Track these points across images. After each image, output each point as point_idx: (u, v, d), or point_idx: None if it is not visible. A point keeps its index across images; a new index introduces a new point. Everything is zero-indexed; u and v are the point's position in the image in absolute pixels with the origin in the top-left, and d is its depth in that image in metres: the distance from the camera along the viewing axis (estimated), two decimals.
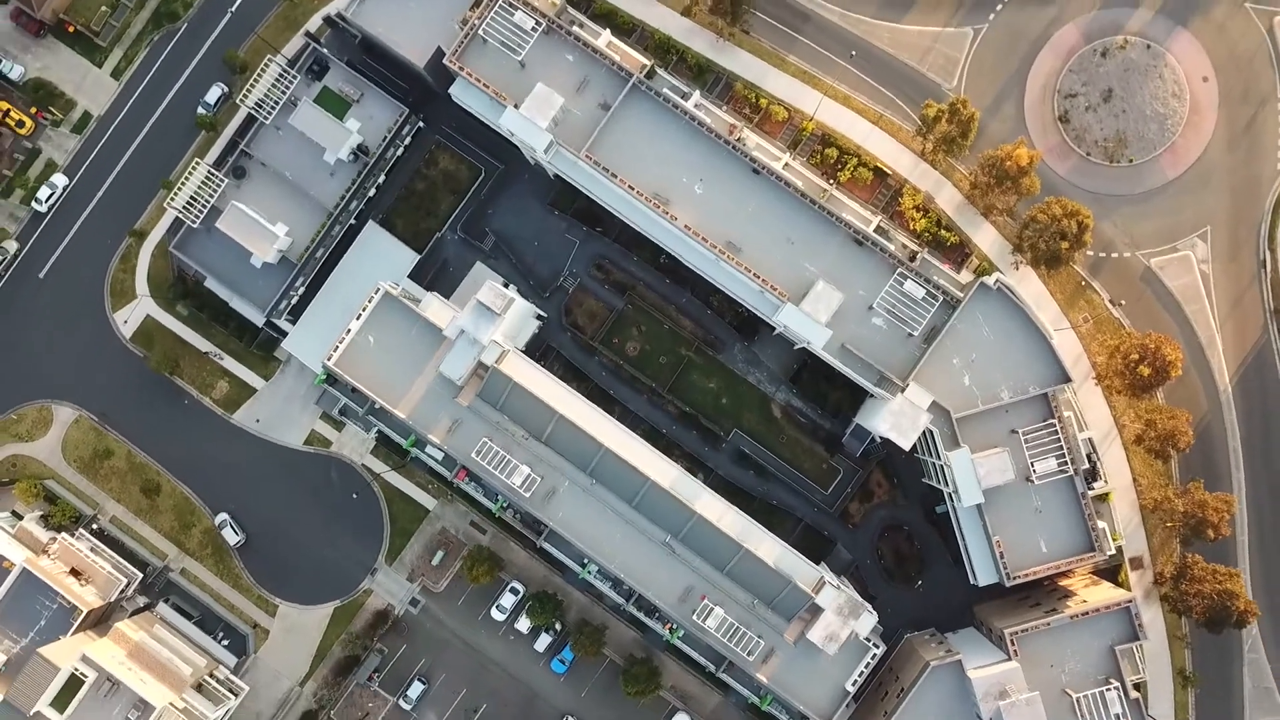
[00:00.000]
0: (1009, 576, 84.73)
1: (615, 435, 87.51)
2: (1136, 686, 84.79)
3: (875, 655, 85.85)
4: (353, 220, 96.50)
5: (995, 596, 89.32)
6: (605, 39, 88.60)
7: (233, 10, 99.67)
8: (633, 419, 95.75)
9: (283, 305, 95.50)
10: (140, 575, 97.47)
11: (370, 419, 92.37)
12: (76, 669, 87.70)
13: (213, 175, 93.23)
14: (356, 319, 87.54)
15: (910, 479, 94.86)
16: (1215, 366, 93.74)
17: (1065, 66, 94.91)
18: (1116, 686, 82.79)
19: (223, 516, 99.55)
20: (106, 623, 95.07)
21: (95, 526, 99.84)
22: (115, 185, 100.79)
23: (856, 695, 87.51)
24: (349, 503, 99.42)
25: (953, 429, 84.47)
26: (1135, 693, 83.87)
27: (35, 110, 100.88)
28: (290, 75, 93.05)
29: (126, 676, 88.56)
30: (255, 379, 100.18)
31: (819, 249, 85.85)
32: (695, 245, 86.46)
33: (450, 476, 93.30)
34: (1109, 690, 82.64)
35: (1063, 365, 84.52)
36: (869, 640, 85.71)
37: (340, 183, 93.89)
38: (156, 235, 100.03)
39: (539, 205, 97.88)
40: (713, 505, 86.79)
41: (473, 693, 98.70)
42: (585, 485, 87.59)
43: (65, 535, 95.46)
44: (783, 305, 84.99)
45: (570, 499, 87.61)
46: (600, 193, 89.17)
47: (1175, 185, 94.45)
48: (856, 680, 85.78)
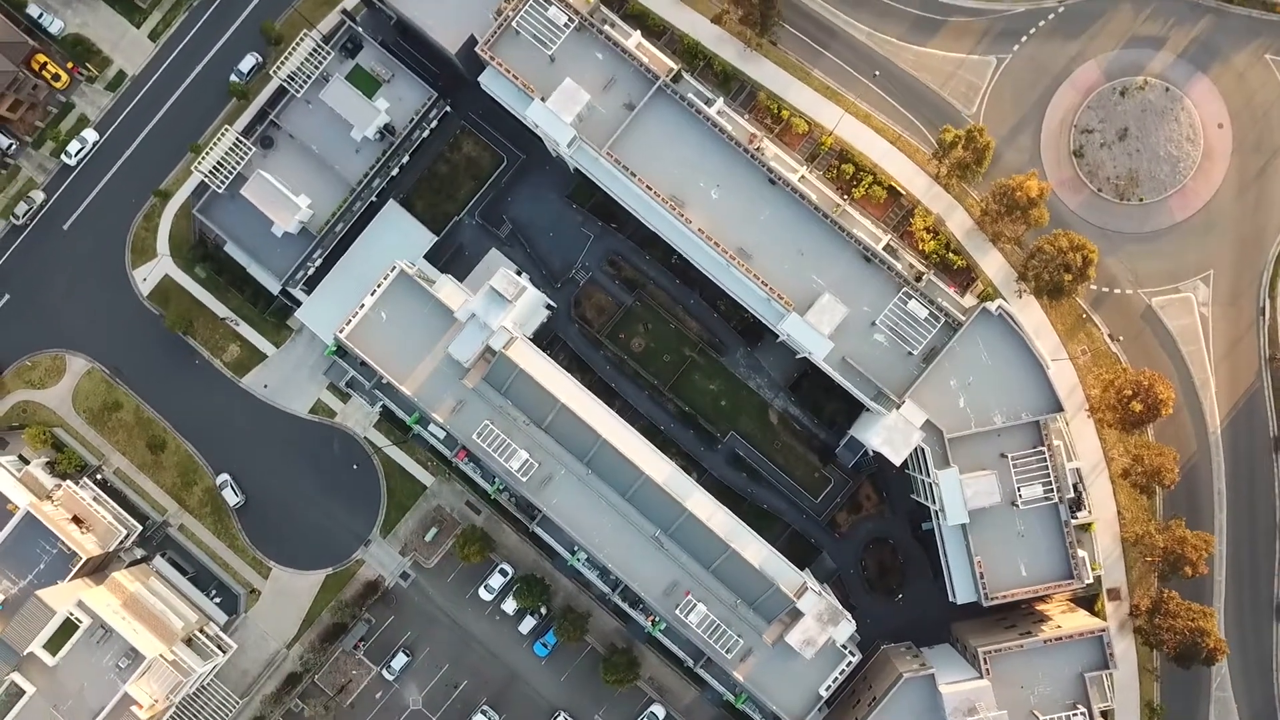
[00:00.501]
0: (987, 597, 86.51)
1: (614, 428, 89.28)
2: (1104, 714, 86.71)
3: (851, 663, 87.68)
4: (374, 198, 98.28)
5: (973, 615, 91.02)
6: (635, 40, 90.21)
7: None
8: (632, 414, 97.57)
9: (299, 275, 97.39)
10: (140, 528, 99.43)
11: (376, 393, 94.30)
12: (72, 614, 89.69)
13: (241, 143, 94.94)
14: (371, 294, 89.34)
15: (899, 494, 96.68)
16: (1207, 408, 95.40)
17: (1084, 102, 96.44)
18: (1083, 712, 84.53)
19: (224, 477, 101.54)
20: (103, 571, 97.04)
21: (99, 477, 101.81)
22: (144, 145, 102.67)
23: (830, 700, 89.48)
24: (349, 473, 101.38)
25: (944, 448, 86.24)
26: None
27: (71, 65, 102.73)
28: (324, 51, 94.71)
29: (120, 625, 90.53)
30: (266, 345, 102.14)
31: (828, 262, 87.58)
32: (707, 249, 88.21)
33: (450, 456, 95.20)
34: (1076, 715, 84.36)
35: (1057, 395, 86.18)
36: (846, 648, 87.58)
37: (365, 160, 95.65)
38: (181, 197, 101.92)
39: (557, 197, 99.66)
40: (704, 504, 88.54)
41: (455, 668, 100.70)
42: (581, 474, 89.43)
43: (69, 483, 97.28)
44: (788, 314, 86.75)
45: (565, 487, 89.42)
46: (618, 190, 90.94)
47: (1182, 227, 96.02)
48: (830, 686, 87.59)
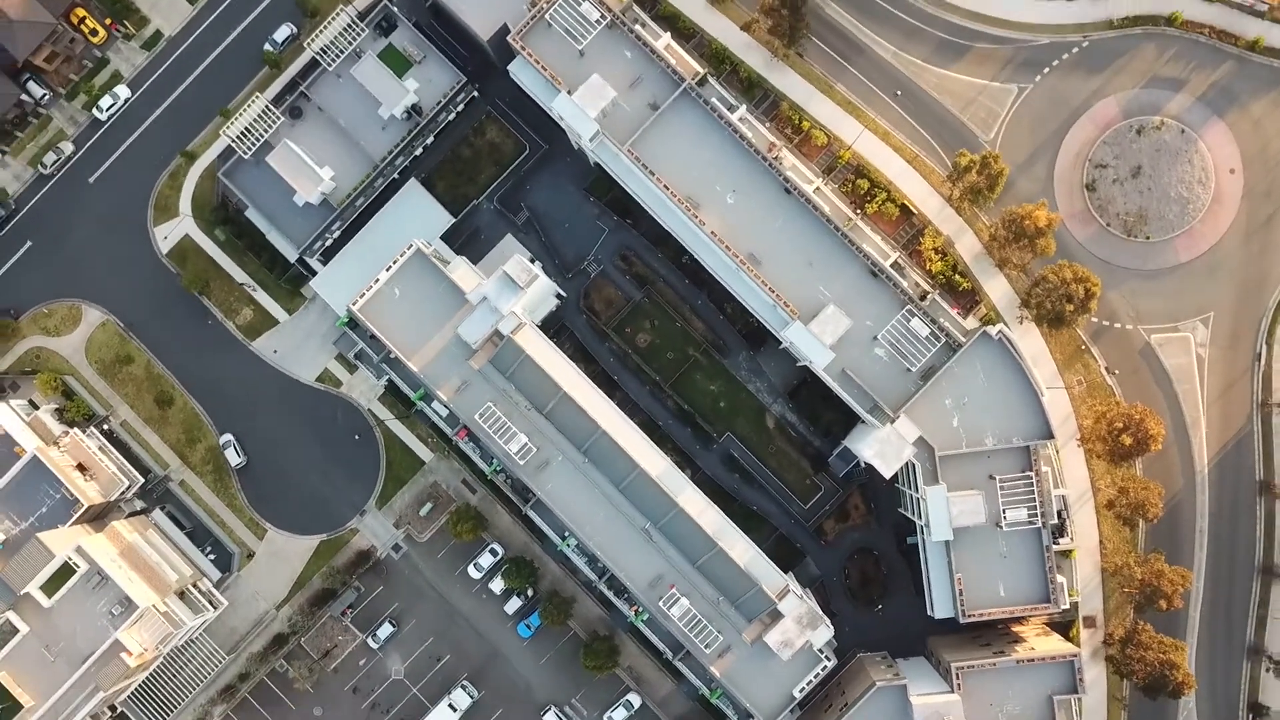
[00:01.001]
0: (965, 614, 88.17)
1: (613, 420, 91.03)
2: None
3: (826, 667, 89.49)
4: (396, 175, 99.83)
5: (949, 631, 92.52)
6: (664, 41, 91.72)
7: None
8: (632, 407, 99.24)
9: (317, 245, 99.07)
10: (142, 480, 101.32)
11: (383, 367, 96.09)
12: (70, 558, 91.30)
13: (270, 111, 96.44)
14: (386, 270, 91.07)
15: (887, 507, 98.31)
16: (1196, 447, 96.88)
17: (1100, 137, 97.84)
18: None
19: (227, 437, 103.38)
20: (103, 520, 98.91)
21: (106, 427, 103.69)
22: (175, 105, 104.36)
23: (802, 702, 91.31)
24: (350, 443, 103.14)
25: (934, 465, 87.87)
26: None
27: (109, 21, 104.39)
28: (359, 27, 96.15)
29: (116, 573, 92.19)
30: (279, 311, 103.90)
31: (835, 274, 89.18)
32: (718, 251, 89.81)
33: (451, 434, 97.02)
34: None
35: (1049, 422, 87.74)
36: (822, 652, 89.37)
37: (390, 138, 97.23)
38: (206, 159, 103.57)
39: (575, 189, 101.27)
40: (695, 501, 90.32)
41: (439, 642, 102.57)
42: (577, 462, 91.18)
43: (77, 431, 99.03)
44: (792, 322, 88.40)
45: (561, 473, 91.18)
46: (636, 187, 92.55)
47: (1186, 268, 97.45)
48: (804, 688, 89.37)
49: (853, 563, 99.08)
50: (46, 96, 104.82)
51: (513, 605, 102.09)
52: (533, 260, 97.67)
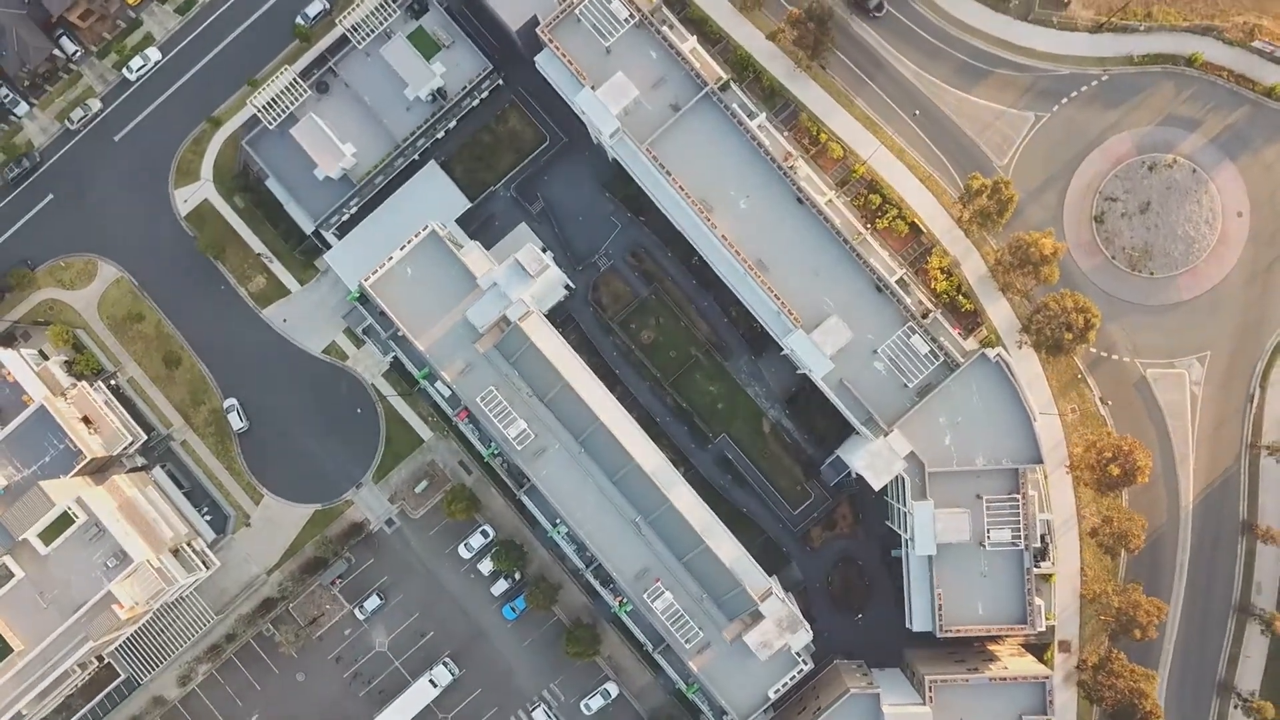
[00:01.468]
0: (942, 628, 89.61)
1: (612, 413, 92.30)
2: None
3: (803, 670, 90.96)
4: (416, 156, 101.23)
5: (926, 645, 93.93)
6: (690, 45, 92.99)
7: None
8: (631, 402, 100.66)
9: (333, 219, 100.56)
10: (145, 437, 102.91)
11: (390, 343, 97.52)
12: (70, 508, 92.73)
13: (297, 84, 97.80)
14: (400, 249, 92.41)
15: (874, 519, 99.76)
16: (1182, 483, 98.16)
17: (1112, 171, 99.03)
18: None
19: (231, 401, 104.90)
20: (104, 473, 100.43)
21: (113, 383, 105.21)
22: (204, 71, 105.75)
23: (777, 704, 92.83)
24: (351, 416, 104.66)
25: (923, 481, 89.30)
26: None
27: None
28: (390, 7, 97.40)
29: (113, 526, 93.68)
30: (291, 281, 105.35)
31: (841, 286, 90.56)
32: (728, 255, 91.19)
33: (451, 414, 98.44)
34: None
35: (1039, 447, 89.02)
36: (800, 656, 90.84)
37: (413, 119, 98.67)
38: (231, 127, 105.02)
39: (592, 183, 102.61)
40: (685, 498, 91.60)
41: (424, 618, 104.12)
42: (574, 452, 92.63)
43: (84, 384, 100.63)
44: (795, 330, 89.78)
45: (557, 461, 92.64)
46: (652, 186, 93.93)
47: (1187, 306, 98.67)
48: (779, 689, 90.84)
49: (836, 571, 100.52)
50: (78, 53, 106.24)
51: (500, 587, 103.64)
52: (545, 250, 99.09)
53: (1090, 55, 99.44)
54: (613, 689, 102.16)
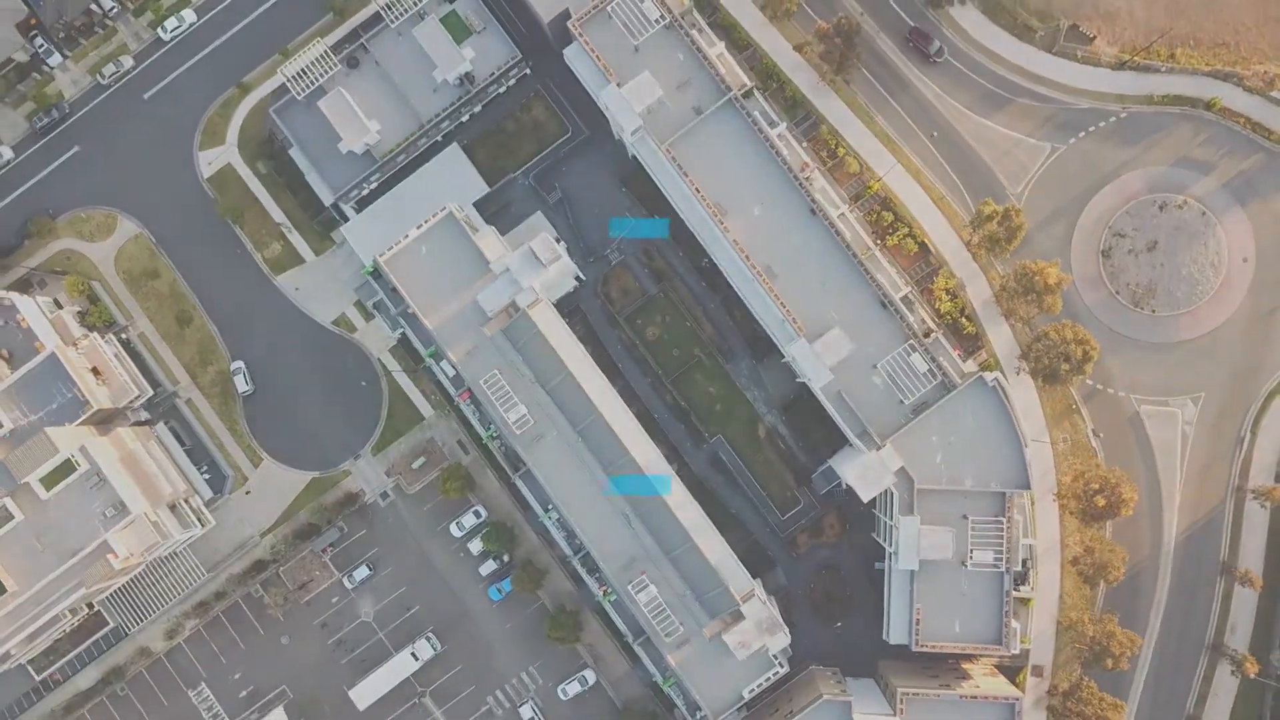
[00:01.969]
0: (918, 643, 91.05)
1: (611, 405, 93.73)
2: None
3: (778, 673, 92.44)
4: (439, 138, 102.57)
5: (901, 658, 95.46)
6: (718, 50, 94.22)
7: None
8: (631, 395, 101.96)
9: (353, 193, 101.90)
10: (151, 392, 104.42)
11: (400, 320, 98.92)
12: (73, 456, 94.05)
13: (328, 57, 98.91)
14: (417, 228, 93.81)
15: (860, 530, 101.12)
16: (1166, 520, 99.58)
17: (1123, 207, 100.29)
18: None
19: (239, 364, 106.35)
20: (108, 425, 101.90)
21: (124, 336, 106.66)
22: (237, 36, 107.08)
23: (750, 704, 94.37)
24: (355, 389, 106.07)
25: (912, 497, 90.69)
26: None
27: None
28: None
29: (114, 476, 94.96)
30: (307, 251, 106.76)
31: (846, 299, 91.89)
32: (738, 260, 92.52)
33: (454, 394, 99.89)
34: None
35: (1028, 473, 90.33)
36: (776, 658, 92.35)
37: (440, 101, 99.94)
38: (259, 94, 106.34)
39: (610, 178, 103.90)
40: (677, 495, 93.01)
41: (411, 593, 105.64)
42: (571, 440, 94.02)
43: (96, 336, 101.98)
44: (797, 339, 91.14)
45: (553, 448, 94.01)
46: (668, 185, 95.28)
47: (1186, 346, 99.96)
48: (754, 689, 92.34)
49: (819, 578, 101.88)
50: (115, 9, 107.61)
51: (488, 568, 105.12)
52: (558, 240, 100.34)
53: (1111, 91, 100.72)
54: (590, 676, 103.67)
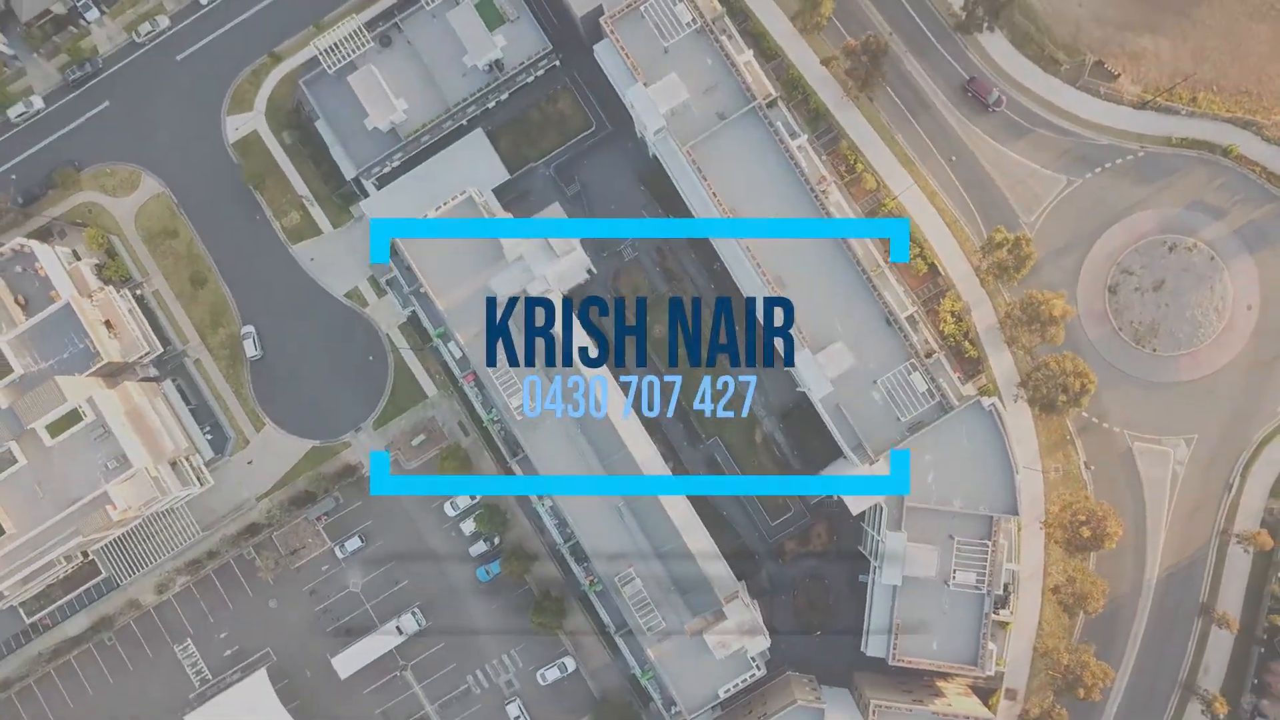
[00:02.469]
0: (895, 657, 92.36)
1: (612, 399, 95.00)
2: None
3: (755, 675, 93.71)
4: (464, 122, 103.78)
5: (877, 670, 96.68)
6: (746, 58, 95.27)
7: None
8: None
9: (375, 170, 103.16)
10: (161, 350, 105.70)
11: (411, 298, 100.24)
12: (80, 406, 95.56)
13: (361, 33, 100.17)
14: (436, 209, 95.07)
15: (848, 542, 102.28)
16: (1150, 557, 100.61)
17: (1133, 245, 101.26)
18: None
19: (249, 329, 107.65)
20: (116, 378, 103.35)
21: (138, 293, 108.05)
22: (273, 6, 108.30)
23: (725, 704, 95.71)
24: (363, 362, 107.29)
25: (900, 513, 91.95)
26: None
27: None
28: None
29: (118, 429, 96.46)
30: (325, 223, 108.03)
31: (852, 314, 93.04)
32: (749, 266, 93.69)
33: (459, 375, 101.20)
34: None
35: (1017, 500, 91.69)
36: (754, 661, 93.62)
37: (468, 86, 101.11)
38: (290, 65, 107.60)
39: (630, 175, 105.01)
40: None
41: (400, 567, 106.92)
42: (571, 431, 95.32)
43: (111, 289, 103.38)
44: (801, 349, 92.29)
45: (552, 436, 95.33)
46: (686, 187, 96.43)
47: (1184, 387, 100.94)
48: (730, 689, 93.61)
49: (803, 586, 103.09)
50: None
51: (478, 549, 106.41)
52: None
53: (1131, 130, 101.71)
54: (570, 663, 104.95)
